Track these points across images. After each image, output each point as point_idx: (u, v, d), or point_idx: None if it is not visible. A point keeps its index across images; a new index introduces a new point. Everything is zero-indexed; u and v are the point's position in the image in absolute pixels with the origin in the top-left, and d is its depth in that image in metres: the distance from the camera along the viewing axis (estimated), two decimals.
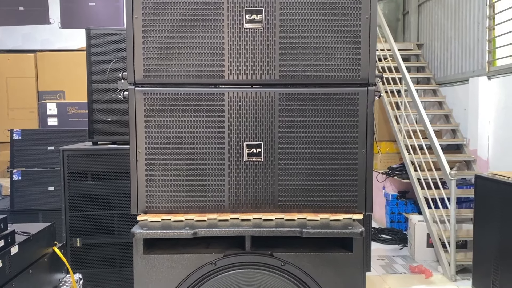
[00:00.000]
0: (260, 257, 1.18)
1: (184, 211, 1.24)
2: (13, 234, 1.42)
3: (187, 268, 1.18)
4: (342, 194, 1.24)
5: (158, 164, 1.24)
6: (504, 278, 3.14)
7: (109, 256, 2.87)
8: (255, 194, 1.24)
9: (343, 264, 1.18)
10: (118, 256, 2.89)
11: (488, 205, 3.29)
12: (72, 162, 2.82)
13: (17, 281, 1.41)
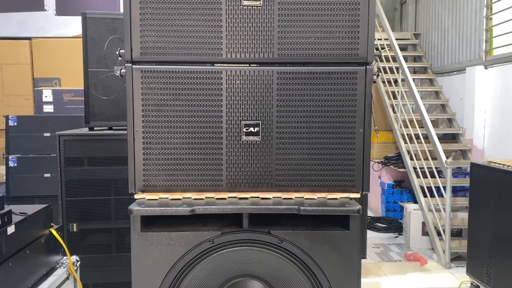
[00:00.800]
0: (258, 234, 1.18)
1: (182, 190, 1.24)
2: (10, 214, 1.42)
3: (184, 246, 1.18)
4: (339, 173, 1.24)
5: (155, 143, 1.23)
6: (498, 265, 3.17)
7: (106, 241, 2.87)
8: (252, 173, 1.24)
9: (340, 242, 1.19)
10: (115, 241, 2.89)
11: (484, 193, 3.31)
12: (68, 147, 2.81)
13: (14, 260, 1.41)
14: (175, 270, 1.17)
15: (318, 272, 1.18)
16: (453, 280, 3.90)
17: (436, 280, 3.90)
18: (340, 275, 1.18)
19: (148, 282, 1.18)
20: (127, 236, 2.88)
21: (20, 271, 1.44)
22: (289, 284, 1.20)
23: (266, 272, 1.21)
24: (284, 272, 1.19)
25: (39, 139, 3.73)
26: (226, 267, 1.20)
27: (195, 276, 1.18)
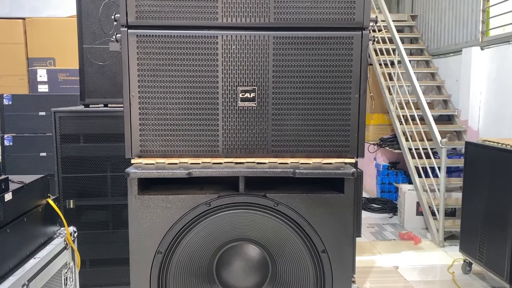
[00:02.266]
0: (254, 198, 1.20)
1: (178, 155, 1.25)
2: (7, 181, 1.42)
3: (181, 209, 1.19)
4: (334, 139, 1.25)
5: (151, 108, 1.24)
6: (491, 242, 3.22)
7: (103, 217, 2.89)
8: (248, 139, 1.25)
9: (335, 205, 1.20)
10: (112, 218, 2.91)
11: (478, 171, 3.35)
12: (64, 124, 2.80)
13: (12, 228, 1.42)
14: (172, 232, 1.19)
15: (313, 234, 1.20)
16: (447, 258, 3.96)
17: (430, 258, 3.96)
18: (334, 237, 1.20)
19: (145, 244, 1.19)
20: (124, 212, 2.90)
21: (18, 238, 1.45)
22: (284, 247, 1.22)
23: (262, 236, 1.22)
24: (279, 235, 1.21)
25: (34, 118, 3.71)
26: (223, 230, 1.21)
27: (192, 238, 1.20)
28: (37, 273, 1.48)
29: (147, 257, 1.19)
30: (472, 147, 3.42)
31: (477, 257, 3.36)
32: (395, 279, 3.53)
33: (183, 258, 1.21)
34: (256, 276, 1.26)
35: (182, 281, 1.22)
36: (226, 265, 1.26)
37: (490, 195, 3.18)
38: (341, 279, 1.21)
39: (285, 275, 1.24)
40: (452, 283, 3.47)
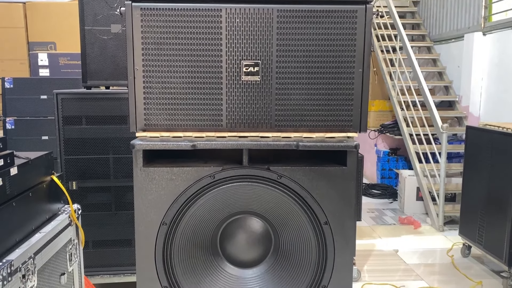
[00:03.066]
0: (257, 170, 1.21)
1: (183, 129, 1.26)
2: (12, 156, 1.43)
3: (186, 181, 1.21)
4: (337, 113, 1.26)
5: (155, 82, 1.24)
6: (490, 225, 3.24)
7: (105, 199, 2.91)
8: (252, 114, 1.26)
9: (337, 178, 1.22)
10: (114, 199, 2.93)
11: (478, 155, 3.36)
12: (66, 106, 2.81)
13: (18, 202, 1.43)
14: (177, 204, 1.20)
15: (316, 206, 1.21)
16: (446, 242, 4.00)
17: (429, 242, 4.00)
18: (336, 209, 1.22)
19: (150, 216, 1.21)
20: (126, 194, 2.92)
21: (23, 212, 1.47)
22: (287, 220, 1.24)
23: (265, 208, 1.24)
24: (282, 207, 1.23)
25: (36, 101, 3.72)
26: (226, 203, 1.23)
27: (196, 210, 1.21)
28: (42, 247, 1.50)
29: (152, 228, 1.21)
30: (472, 131, 3.43)
31: (477, 240, 3.39)
32: (395, 262, 3.57)
33: (188, 230, 1.22)
34: (260, 248, 1.28)
35: (186, 253, 1.23)
36: (230, 238, 1.28)
37: (491, 179, 3.20)
38: (343, 250, 1.23)
39: (288, 246, 1.25)
40: (451, 266, 3.51)
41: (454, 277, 3.32)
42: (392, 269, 3.44)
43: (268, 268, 1.28)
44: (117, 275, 2.93)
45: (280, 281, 1.27)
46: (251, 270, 1.29)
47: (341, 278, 1.24)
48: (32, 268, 1.40)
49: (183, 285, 1.23)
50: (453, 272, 3.39)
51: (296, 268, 1.26)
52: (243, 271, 1.29)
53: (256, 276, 1.29)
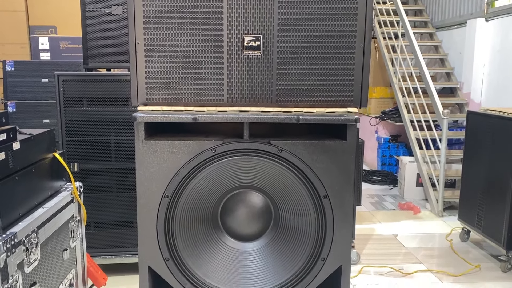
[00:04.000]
0: (258, 144, 1.22)
1: (184, 103, 1.27)
2: (15, 131, 1.44)
3: (187, 154, 1.22)
4: (338, 88, 1.26)
5: (157, 56, 1.25)
6: (489, 209, 3.26)
7: (106, 181, 2.93)
8: (253, 88, 1.26)
9: (337, 152, 1.23)
10: (115, 181, 2.95)
11: (479, 140, 3.37)
12: (67, 88, 2.81)
13: (21, 176, 1.45)
14: (178, 177, 1.22)
15: (315, 180, 1.23)
16: (445, 227, 4.03)
17: (429, 227, 4.03)
18: (335, 183, 1.23)
19: (152, 188, 1.22)
20: (127, 176, 2.94)
21: (26, 187, 1.49)
22: (287, 194, 1.25)
23: (266, 182, 1.25)
24: (282, 181, 1.24)
25: (37, 84, 3.72)
26: (227, 177, 1.24)
27: (197, 184, 1.23)
28: (45, 221, 1.52)
29: (154, 201, 1.22)
30: (473, 116, 3.43)
31: (475, 224, 3.41)
32: (394, 246, 3.60)
33: (189, 203, 1.24)
34: (260, 222, 1.30)
35: (187, 226, 1.25)
36: (230, 212, 1.29)
37: (491, 163, 3.21)
38: (342, 223, 1.24)
39: (288, 220, 1.27)
40: (450, 250, 3.54)
41: (453, 260, 3.35)
42: (391, 252, 3.48)
43: (268, 242, 1.30)
44: (118, 256, 2.96)
45: (280, 254, 1.28)
46: (251, 244, 1.31)
47: (340, 251, 1.26)
48: (36, 241, 1.42)
49: (184, 257, 1.25)
50: (451, 256, 3.42)
51: (295, 241, 1.27)
52: (244, 244, 1.31)
53: (256, 250, 1.30)
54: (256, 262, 1.30)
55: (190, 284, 1.26)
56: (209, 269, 1.27)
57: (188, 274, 1.26)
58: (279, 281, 1.27)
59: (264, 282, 1.28)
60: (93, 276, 1.92)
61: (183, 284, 1.26)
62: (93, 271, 1.92)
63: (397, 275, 3.10)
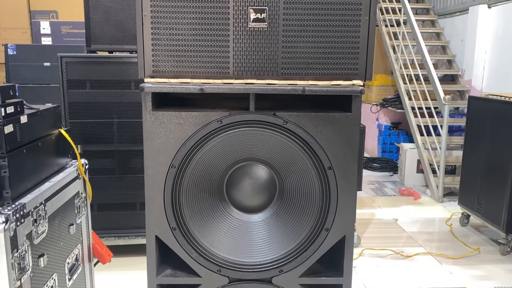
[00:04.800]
0: (264, 116, 1.24)
1: (190, 76, 1.28)
2: (22, 105, 1.46)
3: (194, 125, 1.23)
4: (343, 61, 1.27)
5: (163, 28, 1.25)
6: (489, 193, 3.29)
7: (109, 163, 2.95)
8: (259, 61, 1.27)
9: (342, 123, 1.24)
10: (118, 163, 2.97)
11: (480, 124, 3.38)
12: (70, 70, 2.82)
13: (28, 150, 1.46)
14: (185, 148, 1.23)
15: (320, 151, 1.24)
16: (445, 212, 4.06)
17: (429, 212, 4.06)
18: (340, 154, 1.25)
19: (159, 159, 1.24)
20: (130, 159, 2.96)
21: (33, 161, 1.50)
22: (292, 165, 1.27)
23: (271, 154, 1.27)
24: (287, 153, 1.25)
25: (39, 68, 3.72)
26: (233, 148, 1.26)
27: (204, 155, 1.24)
28: (52, 195, 1.54)
29: (161, 171, 1.24)
30: (475, 101, 3.44)
31: (475, 208, 3.44)
32: (394, 230, 3.64)
33: (195, 174, 1.25)
34: (265, 194, 1.32)
35: (194, 196, 1.27)
36: (236, 184, 1.31)
37: (491, 148, 3.23)
38: (346, 194, 1.26)
39: (292, 192, 1.29)
40: (450, 234, 3.57)
41: (453, 244, 3.38)
42: (392, 236, 3.51)
43: (273, 213, 1.32)
44: (121, 237, 3.00)
45: (284, 225, 1.30)
46: (256, 215, 1.33)
47: (343, 221, 1.28)
48: (43, 214, 1.44)
49: (191, 227, 1.27)
50: (451, 240, 3.45)
51: (300, 212, 1.29)
52: (249, 216, 1.33)
53: (261, 221, 1.32)
54: (261, 233, 1.32)
55: (196, 254, 1.28)
56: (215, 239, 1.29)
57: (194, 244, 1.28)
58: (284, 251, 1.30)
59: (268, 252, 1.30)
60: (98, 253, 1.95)
61: (190, 253, 1.28)
62: (98, 248, 1.94)
63: (397, 257, 3.14)
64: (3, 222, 1.22)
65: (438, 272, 2.91)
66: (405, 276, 2.85)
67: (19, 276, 1.30)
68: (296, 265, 1.30)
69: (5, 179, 1.30)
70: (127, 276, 2.78)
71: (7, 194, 1.31)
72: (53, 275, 1.54)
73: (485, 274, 2.90)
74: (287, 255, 1.30)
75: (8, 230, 1.23)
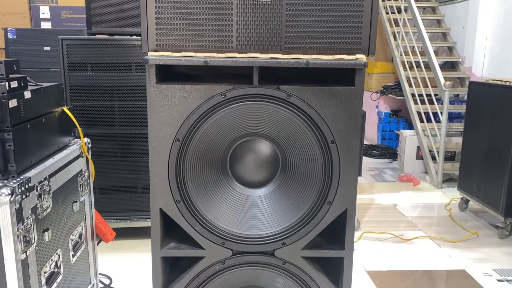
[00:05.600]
0: (267, 89, 1.24)
1: (194, 50, 1.28)
2: (26, 80, 1.46)
3: (198, 99, 1.24)
4: (346, 36, 1.28)
5: (167, 2, 1.25)
6: (489, 177, 3.30)
7: (110, 147, 2.96)
8: (262, 35, 1.28)
9: (345, 97, 1.25)
10: (119, 147, 2.98)
11: (480, 109, 3.39)
12: (71, 52, 2.81)
13: (32, 125, 1.47)
14: (189, 121, 1.24)
15: (323, 125, 1.25)
16: (444, 197, 4.08)
17: (428, 197, 4.09)
18: (343, 128, 1.26)
19: (163, 132, 1.25)
20: (131, 142, 2.97)
21: (37, 137, 1.51)
22: (295, 140, 1.28)
23: (274, 129, 1.28)
24: (291, 127, 1.26)
25: (39, 52, 3.71)
26: (237, 123, 1.26)
27: (208, 129, 1.25)
28: (56, 171, 1.55)
29: (165, 144, 1.25)
30: (475, 86, 3.45)
31: (474, 193, 3.46)
32: (394, 215, 3.66)
33: (199, 148, 1.26)
34: (268, 169, 1.33)
35: (198, 170, 1.28)
36: (239, 160, 1.32)
37: (491, 132, 3.24)
38: (348, 168, 1.27)
39: (295, 166, 1.30)
40: (448, 219, 3.60)
41: (452, 228, 3.41)
42: (391, 220, 3.54)
43: (276, 188, 1.33)
44: (123, 220, 3.02)
45: (287, 199, 1.32)
46: (259, 190, 1.34)
47: (345, 195, 1.29)
48: (48, 189, 1.46)
49: (195, 200, 1.28)
50: (450, 224, 3.48)
51: (302, 186, 1.31)
52: (252, 190, 1.34)
53: (264, 195, 1.34)
54: (264, 207, 1.33)
55: (200, 226, 1.30)
56: (218, 212, 1.31)
57: (198, 217, 1.29)
58: (286, 224, 1.31)
59: (271, 225, 1.32)
60: (101, 232, 1.96)
61: (194, 226, 1.30)
62: (101, 227, 1.96)
63: (396, 241, 3.17)
64: (9, 194, 1.23)
65: (437, 255, 2.94)
66: (404, 258, 2.88)
67: (25, 249, 1.32)
68: (298, 238, 1.32)
69: (10, 152, 1.31)
70: (129, 258, 2.81)
71: (12, 167, 1.32)
72: (57, 250, 1.56)
73: (483, 256, 2.93)
74: (289, 228, 1.31)
75: (13, 202, 1.25)
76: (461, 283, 2.60)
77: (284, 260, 1.33)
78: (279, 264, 1.34)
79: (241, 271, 1.34)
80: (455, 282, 2.60)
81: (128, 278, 2.55)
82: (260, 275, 1.35)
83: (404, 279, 2.62)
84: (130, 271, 2.63)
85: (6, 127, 1.30)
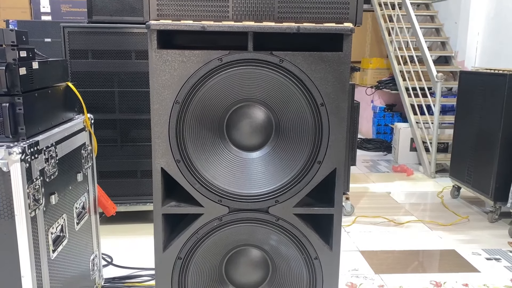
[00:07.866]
0: (261, 55, 1.33)
1: (192, 19, 1.37)
2: (33, 51, 1.54)
3: (196, 63, 1.32)
4: (335, 6, 1.37)
5: None
6: (479, 163, 3.40)
7: (111, 133, 3.04)
8: (256, 6, 1.37)
9: (334, 62, 1.34)
10: (119, 133, 3.06)
11: (470, 98, 3.49)
12: (73, 40, 2.89)
13: (39, 94, 1.55)
14: (188, 85, 1.32)
15: (313, 89, 1.34)
16: (437, 186, 4.17)
17: (421, 186, 4.17)
18: (332, 92, 1.34)
19: (164, 95, 1.33)
20: (131, 129, 3.05)
21: (44, 107, 1.59)
22: (288, 104, 1.37)
23: (268, 94, 1.36)
24: (283, 92, 1.35)
25: (40, 44, 3.79)
26: (233, 88, 1.35)
27: (205, 92, 1.34)
28: (62, 139, 1.64)
29: (166, 106, 1.33)
30: (465, 76, 3.55)
31: (465, 179, 3.56)
32: (387, 201, 3.75)
33: (198, 111, 1.35)
34: (262, 134, 1.41)
35: (196, 132, 1.36)
36: (235, 125, 1.41)
37: (481, 119, 3.34)
38: (336, 129, 1.36)
39: (288, 130, 1.38)
40: (441, 205, 3.69)
41: (443, 213, 3.50)
42: (384, 206, 3.62)
43: (270, 151, 1.42)
44: (123, 204, 3.09)
45: (280, 160, 1.40)
46: (254, 153, 1.43)
47: (334, 154, 1.38)
48: (54, 155, 1.54)
49: (194, 160, 1.37)
50: (442, 210, 3.57)
51: (294, 148, 1.39)
52: (247, 153, 1.43)
53: (258, 158, 1.42)
54: (259, 168, 1.42)
55: (199, 185, 1.38)
56: (216, 172, 1.39)
57: (197, 176, 1.38)
58: (279, 183, 1.39)
59: (265, 184, 1.40)
60: (103, 205, 2.04)
61: (193, 184, 1.38)
62: (103, 200, 2.04)
63: (389, 224, 3.25)
64: (20, 153, 1.31)
65: (428, 237, 3.02)
66: (396, 240, 2.96)
67: (34, 207, 1.40)
68: (291, 196, 1.40)
69: (20, 116, 1.39)
70: (129, 241, 2.88)
71: (22, 130, 1.40)
72: (63, 215, 1.64)
73: (473, 238, 3.02)
74: (282, 187, 1.40)
75: (24, 161, 1.33)
76: (451, 261, 2.68)
77: (278, 216, 1.42)
78: (272, 220, 1.42)
79: (237, 228, 1.42)
80: (445, 261, 2.69)
81: (128, 258, 2.62)
82: (255, 232, 1.44)
83: (396, 258, 2.70)
84: (130, 252, 2.70)
85: (16, 91, 1.39)
